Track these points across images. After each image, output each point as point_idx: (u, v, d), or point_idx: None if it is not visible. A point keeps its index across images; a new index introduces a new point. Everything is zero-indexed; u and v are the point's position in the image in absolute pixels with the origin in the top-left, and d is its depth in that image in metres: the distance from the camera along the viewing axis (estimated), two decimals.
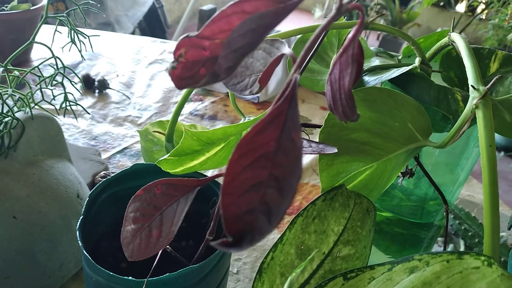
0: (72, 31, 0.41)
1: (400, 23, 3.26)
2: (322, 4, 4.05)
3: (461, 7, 3.69)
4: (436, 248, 0.51)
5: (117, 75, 0.85)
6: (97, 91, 0.77)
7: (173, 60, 0.16)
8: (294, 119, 0.14)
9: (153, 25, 2.29)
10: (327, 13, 3.57)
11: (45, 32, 0.38)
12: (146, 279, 0.23)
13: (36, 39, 0.39)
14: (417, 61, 0.33)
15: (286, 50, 0.17)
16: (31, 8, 0.76)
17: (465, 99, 0.29)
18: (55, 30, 0.42)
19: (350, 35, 0.15)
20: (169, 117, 0.74)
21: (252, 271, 0.47)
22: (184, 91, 0.35)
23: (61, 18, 0.40)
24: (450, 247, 0.52)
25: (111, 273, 0.24)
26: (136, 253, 0.22)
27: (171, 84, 0.85)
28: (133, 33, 2.08)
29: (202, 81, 0.15)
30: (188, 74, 0.16)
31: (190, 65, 0.16)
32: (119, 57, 0.93)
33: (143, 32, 2.27)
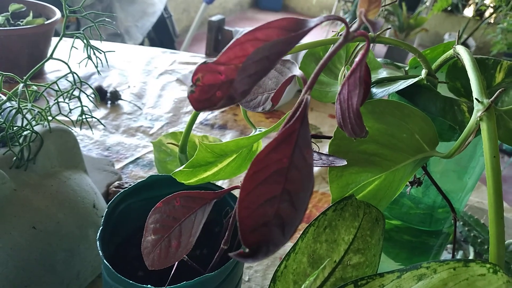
0: (89, 47, 0.42)
1: (408, 29, 3.26)
2: (329, 10, 4.07)
3: (469, 12, 3.68)
4: (446, 255, 0.51)
5: (129, 86, 0.87)
6: (109, 102, 0.79)
7: (192, 85, 0.17)
8: (305, 138, 0.15)
9: (162, 35, 2.32)
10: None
11: (58, 46, 0.39)
12: (164, 287, 0.24)
13: (49, 52, 0.40)
14: (423, 73, 0.34)
15: (297, 71, 0.18)
16: (46, 23, 0.78)
17: (471, 110, 0.30)
18: (72, 46, 0.43)
19: (357, 59, 0.16)
20: (180, 127, 0.76)
21: (263, 279, 0.48)
22: None
23: (77, 35, 0.42)
24: (459, 254, 0.52)
25: (131, 282, 0.25)
26: (156, 262, 0.23)
27: (181, 95, 0.87)
28: (142, 43, 2.11)
29: (219, 103, 0.16)
30: (205, 96, 0.17)
31: (207, 88, 0.17)
32: (130, 68, 0.95)
33: (152, 42, 2.30)
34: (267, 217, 0.15)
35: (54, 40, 0.83)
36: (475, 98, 0.26)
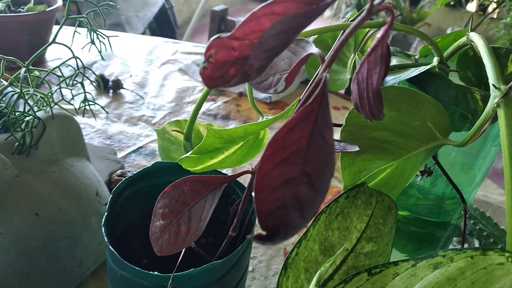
0: (92, 32, 0.41)
1: (410, 23, 3.24)
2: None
3: (472, 6, 3.66)
4: (452, 247, 0.50)
5: (131, 75, 0.86)
6: (111, 91, 0.78)
7: (204, 61, 0.16)
8: (325, 118, 0.14)
9: (163, 25, 2.31)
10: (336, 13, 3.56)
11: (61, 34, 0.39)
12: (172, 274, 0.24)
13: (50, 39, 0.40)
14: (435, 60, 0.34)
15: (314, 49, 0.18)
16: (47, 10, 0.77)
17: (484, 98, 0.30)
18: (75, 32, 0.42)
19: (379, 35, 0.16)
20: (182, 117, 0.75)
21: (267, 269, 0.47)
22: (203, 91, 0.36)
23: (81, 19, 0.41)
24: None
25: (137, 268, 0.25)
26: (165, 248, 0.23)
27: (184, 84, 0.86)
28: (143, 33, 2.10)
29: (233, 80, 0.16)
30: (218, 74, 0.17)
31: (220, 65, 0.16)
32: (132, 57, 0.94)
33: (153, 33, 2.29)
34: (284, 199, 0.14)
35: (55, 28, 0.82)
36: (492, 84, 0.25)
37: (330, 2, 0.14)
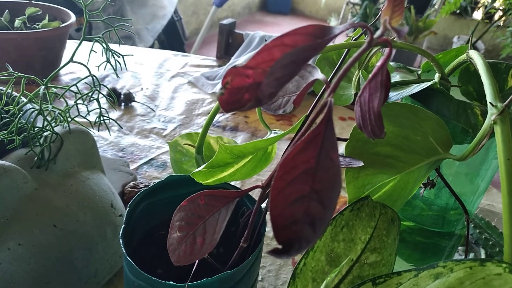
0: (108, 51, 0.43)
1: (416, 32, 3.25)
2: (337, 13, 4.07)
3: (478, 15, 3.67)
4: (457, 257, 0.51)
5: (142, 89, 0.88)
6: (123, 104, 0.80)
7: (221, 87, 0.18)
8: (331, 140, 0.16)
9: (171, 37, 2.34)
10: (342, 22, 3.59)
11: (72, 48, 0.40)
12: (186, 284, 0.25)
13: (63, 54, 0.41)
14: (436, 76, 0.35)
15: (319, 75, 0.19)
16: (61, 26, 0.79)
17: (484, 113, 0.31)
18: (91, 50, 0.44)
19: (379, 64, 0.17)
20: (193, 128, 0.77)
21: (276, 279, 0.49)
22: (214, 106, 0.38)
23: (97, 39, 0.43)
24: (470, 256, 0.52)
25: (154, 278, 0.26)
26: (182, 258, 0.24)
27: (193, 97, 0.88)
28: (152, 45, 2.13)
29: (248, 105, 0.17)
30: (234, 99, 0.18)
31: (235, 91, 0.18)
32: (143, 70, 0.96)
33: (162, 45, 2.32)
34: (297, 215, 0.15)
35: (69, 43, 0.85)
36: (489, 102, 0.27)
37: (333, 36, 0.16)
